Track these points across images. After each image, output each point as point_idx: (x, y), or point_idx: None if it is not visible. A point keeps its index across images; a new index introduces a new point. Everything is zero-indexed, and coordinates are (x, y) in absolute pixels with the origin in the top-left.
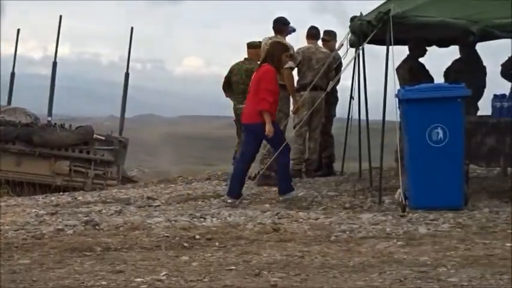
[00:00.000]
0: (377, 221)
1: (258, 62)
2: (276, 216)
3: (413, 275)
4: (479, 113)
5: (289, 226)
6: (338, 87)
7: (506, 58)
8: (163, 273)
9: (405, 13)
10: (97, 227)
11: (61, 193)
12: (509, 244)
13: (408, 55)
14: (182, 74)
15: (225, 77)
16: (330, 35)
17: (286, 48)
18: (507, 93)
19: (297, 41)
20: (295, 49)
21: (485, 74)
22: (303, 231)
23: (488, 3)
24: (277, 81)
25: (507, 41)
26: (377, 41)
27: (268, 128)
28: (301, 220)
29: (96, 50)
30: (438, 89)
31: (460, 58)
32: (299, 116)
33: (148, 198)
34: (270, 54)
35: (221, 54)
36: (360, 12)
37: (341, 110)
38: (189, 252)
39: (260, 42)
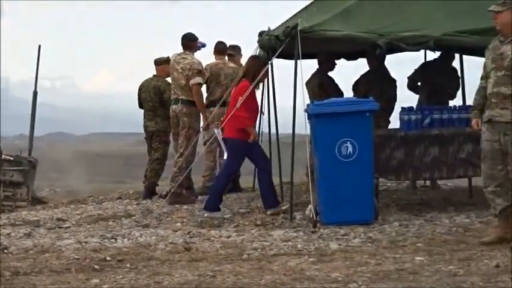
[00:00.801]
0: (289, 237)
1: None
2: (188, 235)
3: None
4: (390, 126)
5: (201, 245)
6: None
7: (413, 71)
8: None
9: (312, 27)
10: (5, 251)
11: None
12: (418, 258)
13: (317, 69)
14: (93, 90)
15: (138, 94)
16: (236, 50)
17: (262, 63)
18: (414, 105)
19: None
20: (203, 65)
21: (395, 87)
22: (215, 249)
23: (396, 16)
24: (254, 97)
25: (414, 53)
26: (286, 55)
27: (252, 138)
28: (213, 238)
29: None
30: (347, 103)
31: (368, 71)
32: (209, 132)
33: (58, 219)
34: (247, 70)
35: (133, 69)
36: (268, 27)
37: None
38: (100, 274)
39: (168, 58)
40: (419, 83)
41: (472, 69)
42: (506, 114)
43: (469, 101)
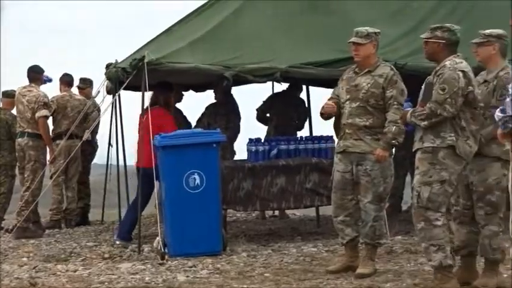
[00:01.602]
0: (136, 270)
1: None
2: (34, 270)
3: None
4: (236, 157)
5: (47, 280)
6: (98, 134)
7: (262, 102)
8: None
9: (159, 60)
10: None
11: None
12: None
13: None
14: None
15: None
16: (86, 83)
17: (171, 88)
18: (262, 136)
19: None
20: (49, 97)
21: (240, 118)
22: (61, 284)
23: (244, 48)
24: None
25: (263, 85)
26: (134, 87)
27: None
28: (59, 273)
29: None
30: (193, 135)
31: (214, 103)
32: (55, 165)
33: None
34: (157, 97)
35: None
36: (116, 60)
37: (100, 157)
38: None
39: (15, 91)
40: (267, 114)
41: (319, 100)
42: (360, 145)
43: (316, 132)
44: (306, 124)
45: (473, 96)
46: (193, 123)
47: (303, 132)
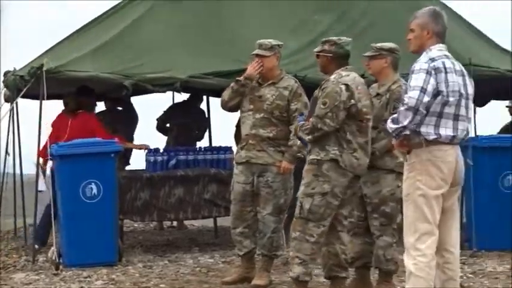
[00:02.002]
0: (30, 280)
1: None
2: None
3: None
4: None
5: None
6: None
7: (162, 112)
8: None
9: (58, 68)
10: None
11: None
12: None
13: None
14: None
15: None
16: None
17: (93, 92)
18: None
19: None
20: None
21: (134, 128)
22: None
23: (144, 58)
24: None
25: (163, 94)
26: (33, 95)
27: None
28: None
29: None
30: (91, 144)
31: (103, 111)
32: None
33: None
34: (82, 103)
35: None
36: (14, 68)
37: None
38: None
39: None
40: (167, 124)
41: (219, 110)
42: (263, 156)
43: (215, 142)
44: (206, 134)
45: (356, 110)
46: None
47: (203, 143)
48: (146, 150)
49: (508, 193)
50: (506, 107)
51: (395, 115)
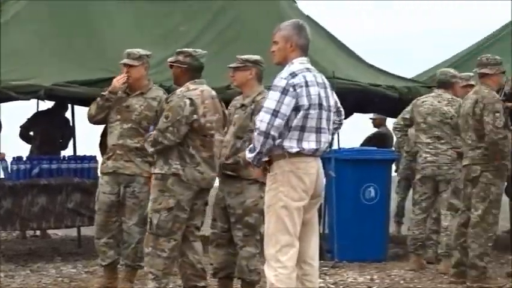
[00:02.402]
0: None
1: None
2: None
3: None
4: None
5: None
6: None
7: (26, 120)
8: None
9: None
10: None
11: None
12: None
13: None
14: None
15: None
16: None
17: None
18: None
19: None
20: None
21: None
22: None
23: (8, 64)
24: None
25: (26, 102)
26: None
27: None
28: None
29: None
30: None
31: None
32: None
33: None
34: None
35: None
36: None
37: None
38: None
39: None
40: (31, 132)
41: (84, 119)
42: (130, 167)
43: (80, 152)
44: (70, 143)
45: (198, 125)
46: None
47: (67, 152)
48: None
49: (369, 205)
50: (370, 119)
51: (251, 145)
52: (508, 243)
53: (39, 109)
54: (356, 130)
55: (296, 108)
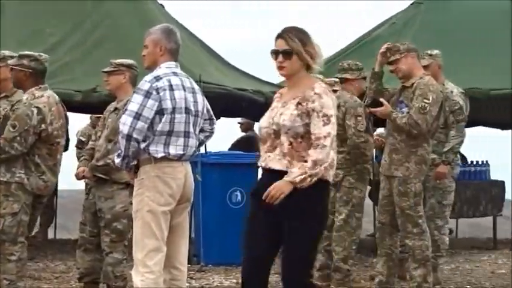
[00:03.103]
0: None
1: None
2: None
3: None
4: None
5: None
6: None
7: None
8: None
9: None
10: None
11: None
12: None
13: None
14: None
15: None
16: None
17: None
18: None
19: None
20: None
21: None
22: None
23: None
24: None
25: None
26: None
27: None
28: None
29: None
30: None
31: None
32: None
33: None
34: None
35: None
36: None
37: None
38: None
39: None
40: None
41: None
42: None
43: None
44: None
45: (46, 134)
46: None
47: None
48: None
49: (235, 209)
50: (238, 123)
51: (119, 150)
52: (372, 247)
53: None
54: (224, 134)
55: (160, 112)
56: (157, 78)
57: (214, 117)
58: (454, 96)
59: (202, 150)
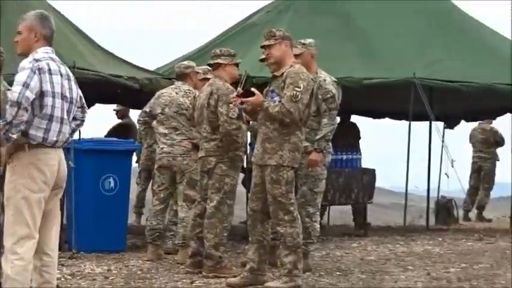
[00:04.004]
0: None
1: None
2: None
3: None
4: None
5: None
6: None
7: None
8: None
9: None
10: None
11: None
12: None
13: None
14: None
15: None
16: None
17: None
18: None
19: None
20: None
21: None
22: None
23: None
24: None
25: None
26: None
27: None
28: None
29: None
30: None
31: None
32: None
33: None
34: None
35: None
36: None
37: None
38: None
39: None
40: None
41: None
42: None
43: None
44: None
45: None
46: None
47: None
48: None
49: (108, 196)
50: (114, 110)
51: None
52: (244, 233)
53: None
54: (100, 121)
55: (41, 94)
56: (37, 61)
57: (86, 106)
58: (327, 84)
59: (75, 136)
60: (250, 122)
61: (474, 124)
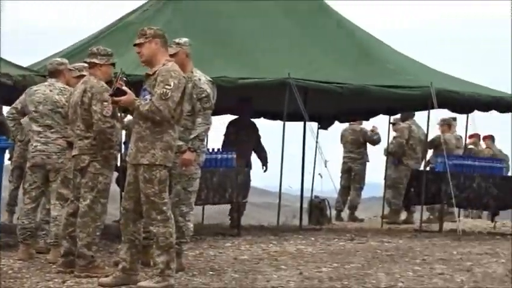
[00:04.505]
0: None
1: None
2: None
3: None
4: None
5: None
6: None
7: None
8: None
9: None
10: None
11: None
12: None
13: None
14: None
15: None
16: None
17: None
18: None
19: None
20: None
21: None
22: None
23: None
24: None
25: None
26: None
27: None
28: None
29: None
30: None
31: None
32: None
33: None
34: None
35: None
36: None
37: None
38: None
39: None
40: None
41: None
42: None
43: None
44: None
45: None
46: None
47: None
48: None
49: None
50: None
51: None
52: (117, 233)
53: None
54: None
55: None
56: None
57: None
58: (202, 84)
59: None
60: (125, 120)
61: (347, 125)
